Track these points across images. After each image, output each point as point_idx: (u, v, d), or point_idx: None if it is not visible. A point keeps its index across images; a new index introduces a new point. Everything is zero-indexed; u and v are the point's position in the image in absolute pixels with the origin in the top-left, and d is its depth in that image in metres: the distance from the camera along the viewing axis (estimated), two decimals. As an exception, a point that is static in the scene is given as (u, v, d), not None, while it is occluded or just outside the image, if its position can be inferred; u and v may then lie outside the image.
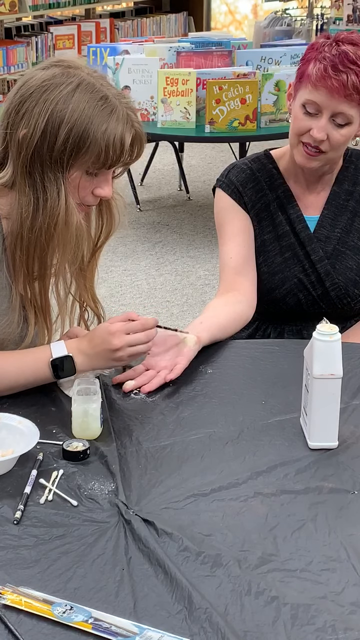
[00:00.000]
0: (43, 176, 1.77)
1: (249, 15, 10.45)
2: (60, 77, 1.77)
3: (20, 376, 1.83)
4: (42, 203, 1.78)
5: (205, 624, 1.26)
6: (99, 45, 6.06)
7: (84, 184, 1.81)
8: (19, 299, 1.87)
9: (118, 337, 1.82)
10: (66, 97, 1.75)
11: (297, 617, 1.28)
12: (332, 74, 2.13)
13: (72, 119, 1.74)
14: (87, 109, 1.75)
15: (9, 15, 7.82)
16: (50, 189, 1.77)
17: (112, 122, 1.76)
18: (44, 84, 1.76)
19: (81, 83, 1.77)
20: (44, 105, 1.75)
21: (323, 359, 1.67)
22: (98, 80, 1.80)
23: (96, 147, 1.75)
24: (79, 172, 1.79)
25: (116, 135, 1.76)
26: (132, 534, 1.44)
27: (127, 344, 1.82)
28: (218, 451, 1.69)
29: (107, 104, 1.77)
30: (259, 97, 5.15)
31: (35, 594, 1.31)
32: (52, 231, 1.79)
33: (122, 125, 1.78)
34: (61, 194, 1.78)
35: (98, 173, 1.81)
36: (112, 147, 1.76)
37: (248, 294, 2.26)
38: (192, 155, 7.28)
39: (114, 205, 1.95)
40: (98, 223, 1.95)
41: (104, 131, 1.75)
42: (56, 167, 1.77)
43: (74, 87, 1.76)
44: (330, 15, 8.30)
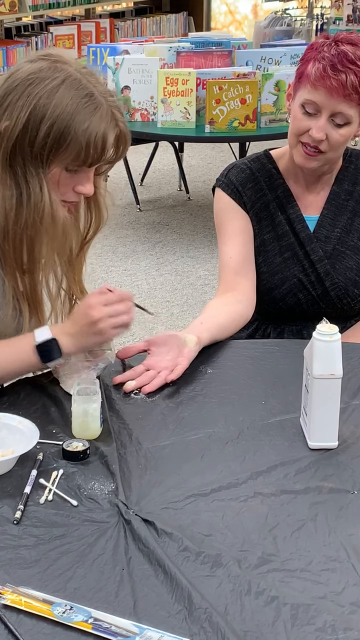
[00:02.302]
0: (25, 170, 1.77)
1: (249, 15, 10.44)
2: (47, 71, 1.76)
3: (6, 365, 1.82)
4: (26, 197, 1.77)
5: (205, 624, 1.26)
6: (99, 45, 6.06)
7: (64, 181, 1.80)
8: (11, 292, 1.86)
9: (96, 309, 1.81)
10: (50, 92, 1.74)
11: (297, 617, 1.28)
12: (331, 73, 2.13)
13: (54, 114, 1.73)
14: (70, 105, 1.73)
15: (9, 15, 7.83)
16: (33, 184, 1.77)
17: (94, 120, 1.75)
18: (29, 77, 1.75)
19: (67, 79, 1.75)
20: (27, 98, 1.74)
21: (323, 359, 1.67)
22: (85, 76, 1.78)
23: (76, 145, 1.74)
24: (58, 168, 1.78)
25: (98, 133, 1.75)
26: (132, 534, 1.44)
27: (106, 314, 1.81)
28: (218, 451, 1.69)
29: (92, 101, 1.76)
30: (259, 97, 5.15)
31: (35, 594, 1.31)
32: (38, 226, 1.79)
33: (105, 123, 1.76)
34: (43, 189, 1.77)
35: (79, 170, 1.80)
36: (93, 145, 1.75)
37: (248, 293, 2.26)
38: (192, 155, 7.28)
39: (102, 201, 1.94)
40: (87, 217, 1.95)
41: (85, 129, 1.74)
42: (36, 162, 1.76)
43: (59, 82, 1.75)
44: (330, 15, 8.30)
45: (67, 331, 1.83)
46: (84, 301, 1.85)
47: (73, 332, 1.83)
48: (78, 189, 1.82)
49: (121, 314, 1.83)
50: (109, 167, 1.91)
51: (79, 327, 1.83)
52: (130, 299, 1.87)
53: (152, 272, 5.08)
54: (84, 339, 1.83)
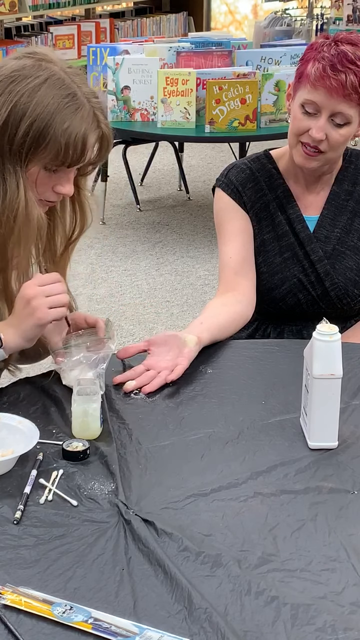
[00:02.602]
0: (3, 167, 1.76)
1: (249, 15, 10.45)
2: (30, 69, 1.75)
3: None
4: (2, 194, 1.76)
5: (205, 624, 1.26)
6: (99, 45, 6.06)
7: (42, 180, 1.79)
8: None
9: (30, 287, 1.78)
10: (32, 90, 1.73)
11: (297, 617, 1.28)
12: (330, 73, 2.13)
13: (34, 113, 1.72)
14: (51, 104, 1.72)
15: (9, 15, 7.83)
16: (10, 181, 1.76)
17: (75, 120, 1.74)
18: (12, 74, 1.75)
19: (50, 77, 1.74)
20: (8, 96, 1.73)
21: (323, 359, 1.67)
22: (70, 76, 1.77)
23: (55, 144, 1.73)
24: (37, 167, 1.77)
25: (78, 134, 1.74)
26: (132, 534, 1.44)
27: (41, 293, 1.78)
28: (218, 451, 1.69)
29: (73, 101, 1.74)
30: (258, 97, 5.15)
31: (35, 594, 1.31)
32: (12, 224, 1.77)
33: (87, 124, 1.75)
34: (20, 187, 1.76)
35: (58, 170, 1.78)
36: (73, 145, 1.74)
37: (247, 294, 2.26)
38: (192, 155, 7.28)
39: (86, 202, 1.93)
40: (72, 217, 1.94)
41: (65, 129, 1.73)
42: (15, 159, 1.75)
43: (41, 80, 1.74)
44: (330, 15, 8.30)
45: (8, 323, 1.81)
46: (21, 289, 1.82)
47: (14, 322, 1.80)
48: (57, 189, 1.81)
49: (56, 293, 1.80)
50: (93, 169, 1.89)
51: (17, 314, 1.80)
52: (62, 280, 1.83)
53: (152, 272, 5.08)
54: (22, 324, 1.79)
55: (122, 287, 4.86)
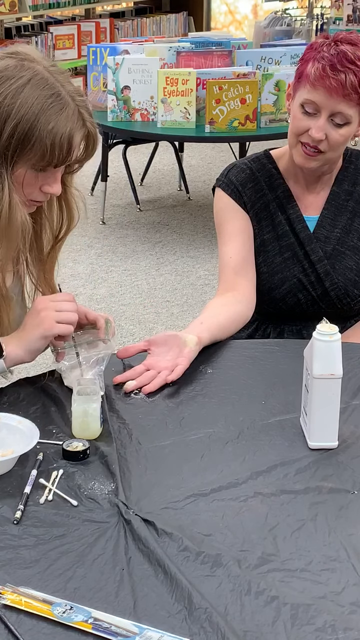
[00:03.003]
0: None
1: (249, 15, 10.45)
2: (13, 69, 1.74)
3: None
4: None
5: (205, 624, 1.26)
6: (99, 45, 6.06)
7: (29, 181, 1.78)
8: None
9: (42, 301, 1.83)
10: (15, 91, 1.72)
11: (297, 617, 1.28)
12: (330, 73, 2.13)
13: (18, 114, 1.71)
14: (35, 105, 1.71)
15: (9, 15, 7.83)
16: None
17: (60, 120, 1.73)
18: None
19: (33, 78, 1.73)
20: None
21: (323, 359, 1.67)
22: (54, 75, 1.76)
23: (41, 145, 1.72)
24: (23, 169, 1.76)
25: (64, 133, 1.73)
26: (132, 534, 1.44)
27: (52, 307, 1.81)
28: (218, 451, 1.69)
29: (58, 101, 1.73)
30: (259, 97, 5.15)
31: (35, 594, 1.31)
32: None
33: (72, 123, 1.74)
34: (5, 190, 1.75)
35: (45, 170, 1.78)
36: (59, 145, 1.73)
37: (247, 293, 2.26)
38: (192, 155, 7.28)
39: (72, 200, 1.93)
40: (59, 215, 1.94)
41: (50, 129, 1.72)
42: (0, 161, 1.74)
43: (24, 81, 1.72)
44: (330, 15, 8.31)
45: (12, 335, 1.82)
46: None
47: (19, 334, 1.82)
48: (45, 189, 1.80)
49: (66, 310, 1.83)
50: (79, 166, 1.89)
51: (25, 325, 1.82)
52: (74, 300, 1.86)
53: (152, 272, 5.08)
54: (28, 334, 1.81)
55: (122, 287, 4.86)
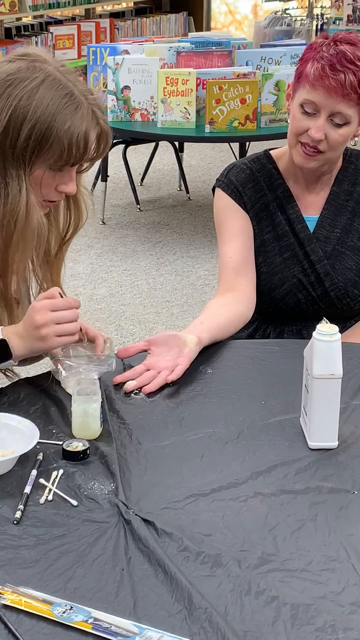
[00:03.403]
0: (5, 172, 1.76)
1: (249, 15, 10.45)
2: (25, 71, 1.75)
3: None
4: (3, 199, 1.76)
5: (205, 624, 1.26)
6: (99, 45, 6.06)
7: (47, 181, 1.79)
8: None
9: (41, 313, 1.77)
10: (30, 92, 1.73)
11: (297, 617, 1.28)
12: (330, 73, 2.13)
13: (35, 115, 1.72)
14: (50, 105, 1.73)
15: (9, 15, 7.83)
16: (12, 185, 1.76)
17: (76, 119, 1.74)
18: (8, 78, 1.74)
19: (46, 78, 1.74)
20: (7, 100, 1.73)
21: (323, 359, 1.67)
22: (65, 75, 1.77)
23: (59, 145, 1.73)
24: (41, 169, 1.77)
25: (80, 132, 1.74)
26: (132, 534, 1.44)
27: (51, 320, 1.77)
28: (218, 451, 1.69)
29: (72, 101, 1.75)
30: (259, 97, 5.15)
31: (35, 594, 1.31)
32: (12, 228, 1.77)
33: (87, 122, 1.76)
34: (22, 191, 1.76)
35: (62, 169, 1.79)
36: (76, 144, 1.74)
37: (247, 294, 2.26)
38: (192, 155, 7.28)
39: (82, 199, 1.93)
40: (66, 216, 1.94)
41: (67, 129, 1.73)
42: (18, 163, 1.75)
43: (38, 82, 1.74)
44: (330, 15, 8.31)
45: (18, 332, 1.80)
46: (33, 303, 1.81)
47: (23, 335, 1.80)
48: (61, 188, 1.81)
49: (67, 321, 1.79)
50: (90, 165, 1.90)
51: (26, 330, 1.80)
52: (78, 305, 1.83)
53: (152, 272, 5.08)
54: (31, 343, 1.80)
55: (122, 287, 4.86)
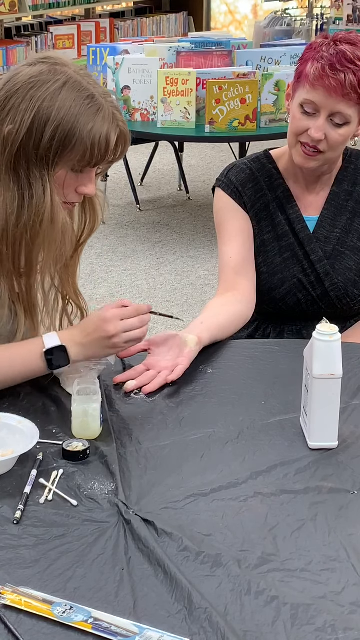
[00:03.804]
0: (28, 173, 1.77)
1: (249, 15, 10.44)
2: (47, 74, 1.77)
3: (12, 369, 1.82)
4: (28, 200, 1.78)
5: (205, 624, 1.26)
6: (99, 45, 6.06)
7: (68, 182, 1.81)
8: (7, 294, 1.87)
9: (112, 323, 1.83)
10: (53, 94, 1.75)
11: (297, 617, 1.28)
12: (330, 73, 2.13)
13: (58, 116, 1.74)
14: (73, 107, 1.75)
15: (9, 15, 7.83)
16: (36, 186, 1.77)
17: (98, 121, 1.76)
18: (30, 80, 1.76)
19: (68, 81, 1.77)
20: (30, 102, 1.75)
21: (323, 359, 1.67)
22: (85, 78, 1.80)
23: (82, 146, 1.76)
24: (64, 170, 1.79)
25: (102, 134, 1.76)
26: (132, 534, 1.44)
27: (122, 329, 1.83)
28: (218, 451, 1.69)
29: (94, 102, 1.77)
30: (259, 97, 5.15)
31: (35, 594, 1.31)
32: (37, 228, 1.79)
33: (108, 124, 1.78)
34: (46, 192, 1.77)
35: (83, 171, 1.81)
36: (98, 145, 1.77)
37: (247, 293, 2.26)
38: (192, 155, 7.28)
39: (97, 201, 1.95)
40: (81, 219, 1.96)
41: (90, 130, 1.75)
42: (42, 164, 1.77)
43: (60, 84, 1.76)
44: (330, 15, 8.30)
45: (76, 340, 1.84)
46: (99, 314, 1.86)
47: (84, 342, 1.84)
48: (81, 190, 1.83)
49: (135, 328, 1.85)
50: (107, 167, 1.92)
51: (91, 339, 1.83)
52: (147, 311, 1.89)
53: (152, 272, 5.08)
54: (93, 351, 1.85)
55: (122, 287, 4.86)
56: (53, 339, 1.82)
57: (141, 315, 1.87)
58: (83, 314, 2.04)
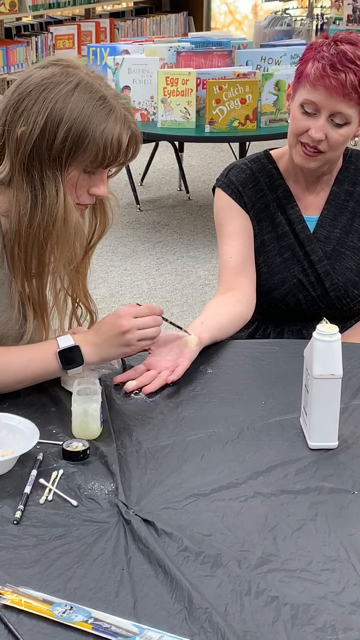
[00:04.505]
0: (42, 174, 1.78)
1: (249, 15, 10.45)
2: (60, 76, 1.78)
3: (27, 369, 1.83)
4: (41, 201, 1.79)
5: (205, 624, 1.26)
6: (99, 45, 6.06)
7: (81, 183, 1.82)
8: (17, 295, 1.87)
9: (126, 319, 1.84)
10: (65, 96, 1.76)
11: (297, 617, 1.28)
12: (330, 73, 2.13)
13: (71, 118, 1.75)
14: (86, 108, 1.76)
15: (9, 15, 7.83)
16: (49, 187, 1.78)
17: (110, 122, 1.78)
18: (43, 82, 1.77)
19: (80, 83, 1.78)
20: (43, 103, 1.76)
21: (323, 359, 1.67)
22: (96, 80, 1.81)
23: (94, 147, 1.77)
24: (76, 171, 1.80)
25: (114, 135, 1.78)
26: (132, 534, 1.44)
27: (135, 326, 1.84)
28: (218, 451, 1.69)
29: (106, 104, 1.78)
30: (259, 97, 5.15)
31: (35, 594, 1.31)
32: (50, 229, 1.80)
33: (120, 125, 1.79)
34: (60, 193, 1.78)
35: (95, 172, 1.82)
36: (110, 146, 1.78)
37: (247, 293, 2.26)
38: (192, 155, 7.28)
39: (108, 204, 1.96)
40: (92, 222, 1.96)
41: (102, 131, 1.76)
42: (55, 165, 1.78)
43: (73, 86, 1.77)
44: (330, 15, 8.30)
45: (90, 340, 1.85)
46: (113, 313, 1.87)
47: (97, 342, 1.84)
48: (93, 191, 1.84)
49: (149, 326, 1.86)
50: (118, 169, 1.93)
51: (105, 337, 1.84)
52: (160, 312, 1.90)
53: (152, 272, 5.08)
54: (107, 350, 1.85)
55: (122, 287, 4.86)
56: (67, 340, 1.83)
57: (155, 315, 1.88)
58: (93, 317, 2.04)
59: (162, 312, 1.91)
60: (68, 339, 1.84)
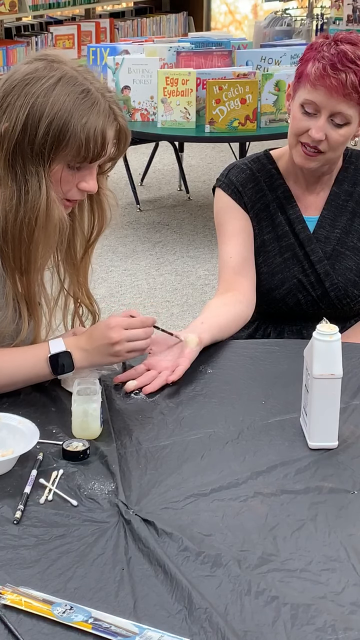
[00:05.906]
0: (25, 170, 1.77)
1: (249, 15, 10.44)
2: (43, 70, 1.77)
3: (17, 372, 1.83)
4: (24, 196, 1.78)
5: (205, 624, 1.26)
6: (99, 45, 6.06)
7: (66, 178, 1.80)
8: (12, 293, 1.87)
9: (116, 331, 1.83)
10: (47, 90, 1.75)
11: (297, 617, 1.28)
12: (330, 73, 2.13)
13: (52, 112, 1.74)
14: (67, 102, 1.75)
15: (9, 15, 7.83)
16: (32, 183, 1.77)
17: (92, 115, 1.76)
18: (25, 77, 1.77)
19: (63, 77, 1.77)
20: (25, 98, 1.75)
21: (323, 359, 1.67)
22: (82, 74, 1.80)
23: (76, 141, 1.75)
24: (60, 166, 1.79)
25: (97, 128, 1.76)
26: (132, 534, 1.44)
27: (125, 338, 1.83)
28: (218, 451, 1.69)
29: (89, 97, 1.77)
30: (259, 97, 5.15)
31: (35, 594, 1.31)
32: (33, 225, 1.79)
33: (104, 118, 1.77)
34: (42, 188, 1.77)
35: (81, 167, 1.81)
36: (93, 140, 1.76)
37: (247, 293, 2.26)
38: (192, 155, 7.28)
39: (105, 201, 1.95)
40: (90, 219, 1.96)
41: (83, 124, 1.75)
42: (37, 160, 1.77)
43: (55, 80, 1.76)
44: (330, 15, 8.29)
45: (81, 346, 1.85)
46: (105, 321, 1.87)
47: (88, 349, 1.84)
48: (81, 186, 1.83)
49: (139, 339, 1.85)
50: (112, 165, 1.92)
51: (95, 345, 1.84)
52: (152, 323, 1.89)
53: (152, 272, 5.08)
54: (97, 357, 1.85)
55: (122, 287, 4.86)
56: (58, 345, 1.83)
57: (146, 328, 1.87)
58: (95, 317, 2.04)
59: (154, 322, 1.91)
60: (59, 343, 1.84)
